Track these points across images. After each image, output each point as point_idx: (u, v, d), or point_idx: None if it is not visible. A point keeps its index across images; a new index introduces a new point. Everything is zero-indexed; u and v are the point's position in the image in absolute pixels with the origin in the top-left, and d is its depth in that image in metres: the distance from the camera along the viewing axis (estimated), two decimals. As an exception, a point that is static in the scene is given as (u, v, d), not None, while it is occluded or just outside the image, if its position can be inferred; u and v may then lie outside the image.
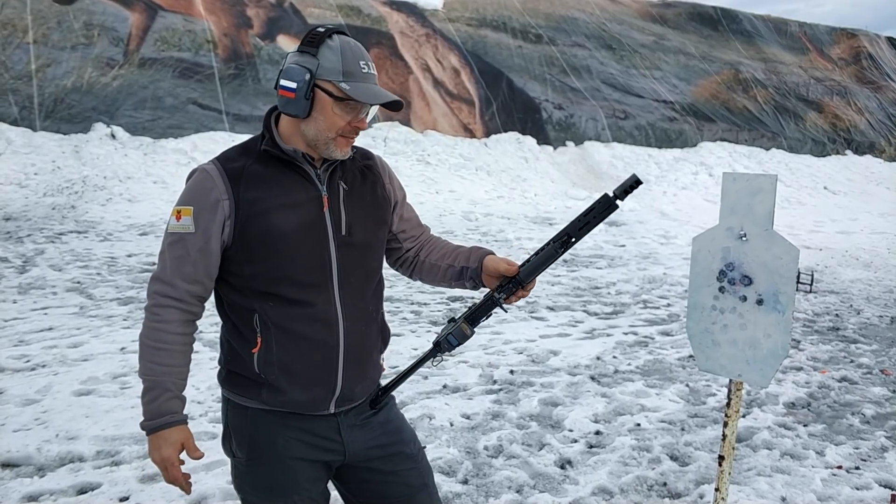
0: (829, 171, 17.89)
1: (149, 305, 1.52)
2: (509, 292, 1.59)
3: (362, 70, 1.46)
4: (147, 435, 1.49)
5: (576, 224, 1.55)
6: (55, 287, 6.21)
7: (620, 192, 1.50)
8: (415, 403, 3.90)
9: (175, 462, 1.49)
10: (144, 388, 1.50)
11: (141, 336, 1.51)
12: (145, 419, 1.49)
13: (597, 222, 1.53)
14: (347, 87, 1.43)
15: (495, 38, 17.64)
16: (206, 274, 1.51)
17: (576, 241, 1.56)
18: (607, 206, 1.52)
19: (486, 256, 1.67)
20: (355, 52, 1.47)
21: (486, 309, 1.61)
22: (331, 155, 1.50)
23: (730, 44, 22.23)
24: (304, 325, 1.49)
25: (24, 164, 10.64)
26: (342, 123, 1.47)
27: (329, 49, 1.45)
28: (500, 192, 13.08)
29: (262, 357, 1.50)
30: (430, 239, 1.80)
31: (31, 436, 3.32)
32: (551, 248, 1.56)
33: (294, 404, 1.53)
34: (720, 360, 2.05)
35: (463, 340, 1.62)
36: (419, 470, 1.68)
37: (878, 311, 6.65)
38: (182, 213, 1.49)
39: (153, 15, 13.92)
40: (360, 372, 1.58)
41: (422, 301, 6.28)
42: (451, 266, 1.71)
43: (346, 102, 1.45)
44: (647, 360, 4.87)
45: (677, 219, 12.41)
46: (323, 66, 1.44)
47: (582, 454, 3.37)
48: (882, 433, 3.71)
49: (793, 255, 1.89)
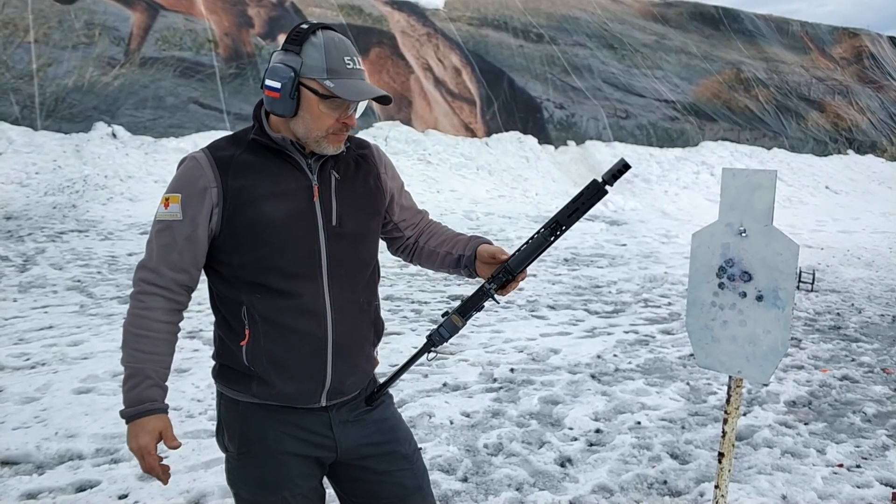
0: (830, 170, 17.86)
1: (134, 293, 1.50)
2: (500, 282, 1.57)
3: (347, 66, 1.44)
4: (126, 423, 1.46)
5: (565, 211, 1.52)
6: (56, 285, 6.21)
7: (609, 178, 1.48)
8: (415, 401, 3.90)
9: (152, 451, 1.45)
10: (126, 375, 1.47)
11: (125, 323, 1.49)
12: (125, 407, 1.46)
13: (586, 209, 1.51)
14: (332, 85, 1.42)
15: (496, 38, 17.63)
16: (192, 263, 1.50)
17: (566, 229, 1.53)
18: (596, 191, 1.49)
19: (480, 245, 1.66)
20: (339, 47, 1.44)
21: (477, 300, 1.59)
22: (323, 152, 1.49)
23: (731, 43, 22.20)
24: (293, 317, 1.48)
25: (25, 163, 10.64)
26: (330, 121, 1.45)
27: (313, 46, 1.43)
28: (502, 192, 13.07)
29: (250, 350, 1.49)
30: (430, 224, 1.79)
31: (30, 433, 3.32)
32: (541, 236, 1.54)
33: (284, 397, 1.52)
34: (720, 357, 2.04)
35: (454, 332, 1.60)
36: (413, 471, 1.66)
37: (879, 309, 6.63)
38: (170, 200, 1.48)
39: (154, 14, 13.92)
40: (351, 365, 1.56)
41: (422, 299, 6.27)
42: (448, 253, 1.71)
43: (333, 100, 1.43)
44: (648, 358, 4.86)
45: (679, 218, 12.40)
46: (307, 65, 1.42)
47: (582, 452, 3.36)
48: (883, 432, 3.70)
49: (792, 251, 1.88)
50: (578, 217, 1.51)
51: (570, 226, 1.52)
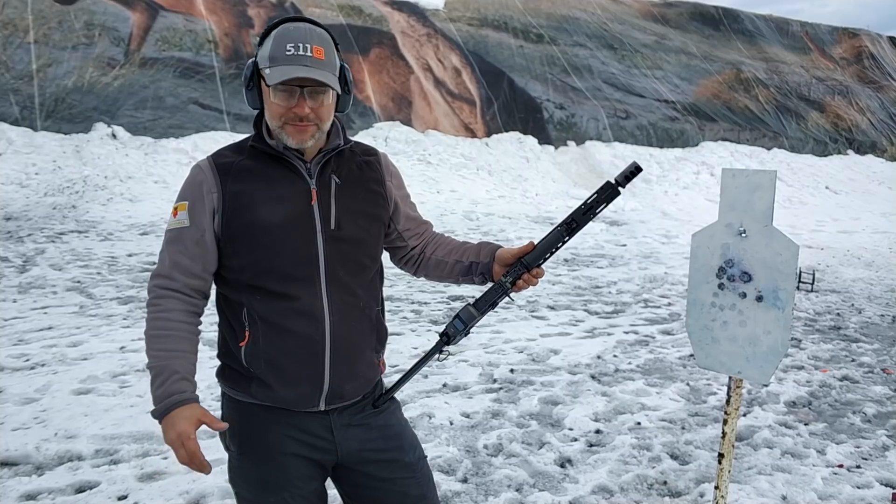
0: (830, 170, 17.87)
1: (150, 300, 1.51)
2: (516, 276, 1.60)
3: (286, 53, 1.41)
4: (159, 422, 1.40)
5: (580, 210, 1.58)
6: (55, 286, 6.21)
7: (622, 179, 1.55)
8: (414, 402, 3.89)
9: (191, 434, 1.37)
10: (152, 376, 1.43)
11: (145, 331, 1.49)
12: (155, 406, 1.41)
13: (600, 209, 1.57)
14: (268, 72, 1.43)
15: (496, 38, 17.64)
16: (203, 268, 1.51)
17: (580, 228, 1.58)
18: (610, 192, 1.56)
19: (497, 250, 1.67)
20: (288, 35, 1.43)
21: (493, 294, 1.61)
22: (286, 143, 1.49)
23: (731, 43, 22.21)
24: (290, 320, 1.48)
25: (24, 163, 10.64)
26: (280, 110, 1.45)
27: (269, 37, 1.46)
28: (502, 192, 13.07)
29: (249, 351, 1.49)
30: (435, 236, 1.78)
31: (29, 434, 3.31)
32: (557, 233, 1.59)
33: (282, 400, 1.51)
34: (720, 357, 2.03)
35: (470, 322, 1.61)
36: (417, 480, 1.64)
37: (879, 310, 6.63)
38: (178, 209, 1.51)
39: (154, 15, 13.93)
40: (350, 369, 1.55)
41: (422, 300, 6.27)
42: (458, 261, 1.70)
43: (277, 87, 1.43)
44: (648, 358, 4.86)
45: (679, 218, 12.40)
46: (259, 55, 1.46)
47: (582, 453, 3.36)
48: (883, 432, 3.69)
49: (792, 252, 1.88)
50: (592, 216, 1.57)
51: (584, 224, 1.58)
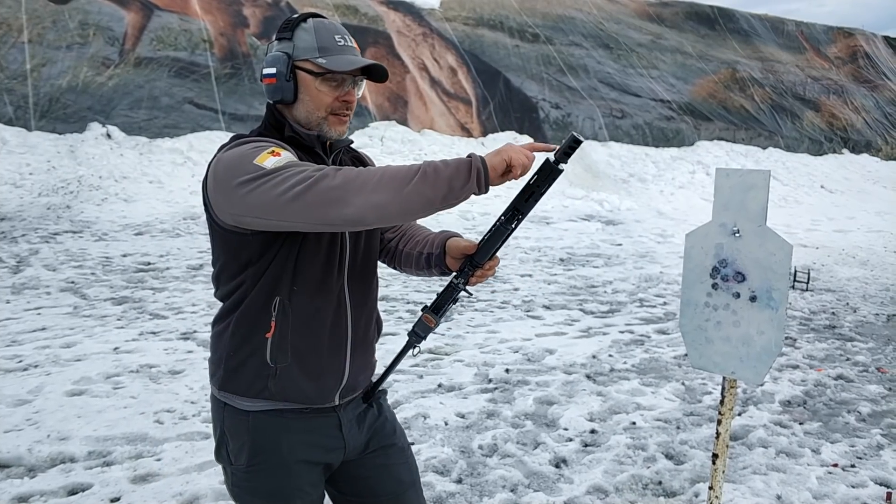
0: (826, 169, 17.91)
1: (315, 180, 1.23)
2: (466, 277, 1.55)
3: (338, 44, 1.46)
4: (481, 162, 1.28)
5: (521, 197, 1.47)
6: (49, 287, 6.18)
7: (560, 156, 1.42)
8: (409, 402, 3.89)
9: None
10: (432, 168, 1.24)
11: (352, 190, 1.22)
12: (467, 164, 1.27)
13: (542, 191, 1.45)
14: (324, 61, 1.43)
15: (492, 38, 17.63)
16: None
17: (525, 215, 1.48)
18: (549, 172, 1.43)
19: (448, 240, 1.63)
20: (329, 28, 1.47)
21: (447, 296, 1.57)
22: (326, 135, 1.49)
23: (727, 43, 22.24)
24: (322, 311, 1.47)
25: (19, 163, 10.60)
26: (329, 99, 1.46)
27: (303, 31, 1.46)
28: (497, 192, 13.04)
29: (275, 342, 1.45)
30: (411, 227, 1.77)
31: (22, 436, 3.30)
32: (501, 225, 1.50)
33: (301, 394, 1.48)
34: (713, 358, 2.03)
35: (427, 332, 1.59)
36: (409, 465, 1.68)
37: (874, 308, 6.64)
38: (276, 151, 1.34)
39: (149, 14, 13.88)
40: (365, 360, 1.59)
41: (418, 300, 6.25)
42: (420, 254, 1.68)
43: (328, 77, 1.45)
44: (643, 358, 4.86)
45: (674, 217, 12.41)
46: (298, 47, 1.45)
47: (577, 453, 3.35)
48: (878, 431, 3.70)
49: (786, 252, 1.87)
50: (535, 201, 1.46)
51: (529, 211, 1.48)
